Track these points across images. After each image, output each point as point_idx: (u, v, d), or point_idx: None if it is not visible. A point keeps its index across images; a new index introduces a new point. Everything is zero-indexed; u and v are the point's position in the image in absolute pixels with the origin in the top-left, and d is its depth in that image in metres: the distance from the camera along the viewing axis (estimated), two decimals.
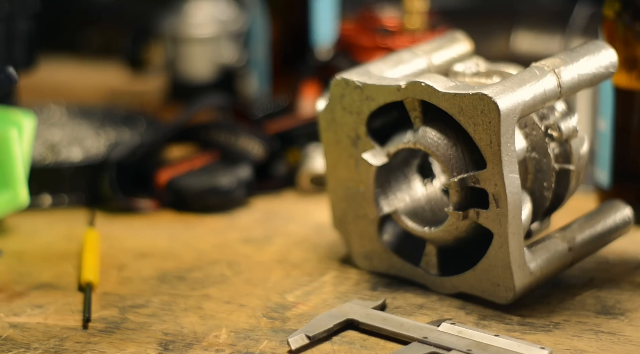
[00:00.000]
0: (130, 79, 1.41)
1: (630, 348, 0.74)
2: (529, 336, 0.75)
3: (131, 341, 0.75)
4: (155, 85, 1.38)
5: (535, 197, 0.82)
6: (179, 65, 1.31)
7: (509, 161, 0.76)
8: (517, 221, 0.77)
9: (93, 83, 1.45)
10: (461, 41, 0.89)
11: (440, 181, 0.86)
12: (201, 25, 1.31)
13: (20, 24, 1.20)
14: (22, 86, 1.29)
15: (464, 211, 0.78)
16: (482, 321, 0.78)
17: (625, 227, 0.85)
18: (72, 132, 1.13)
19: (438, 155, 0.78)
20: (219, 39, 1.31)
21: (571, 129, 0.82)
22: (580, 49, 0.81)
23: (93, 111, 1.21)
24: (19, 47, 1.20)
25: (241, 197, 1.01)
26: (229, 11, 1.33)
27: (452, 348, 0.72)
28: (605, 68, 0.81)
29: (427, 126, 0.79)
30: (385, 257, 0.85)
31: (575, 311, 0.79)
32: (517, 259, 0.77)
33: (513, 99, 0.75)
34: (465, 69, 0.84)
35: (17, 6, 1.20)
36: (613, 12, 0.93)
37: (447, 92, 0.77)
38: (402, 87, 0.79)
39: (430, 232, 0.81)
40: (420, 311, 0.79)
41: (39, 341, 0.75)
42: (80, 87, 1.43)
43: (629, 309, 0.80)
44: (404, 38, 1.15)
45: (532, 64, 0.79)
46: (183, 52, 1.30)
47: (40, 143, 1.09)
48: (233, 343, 0.75)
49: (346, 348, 0.74)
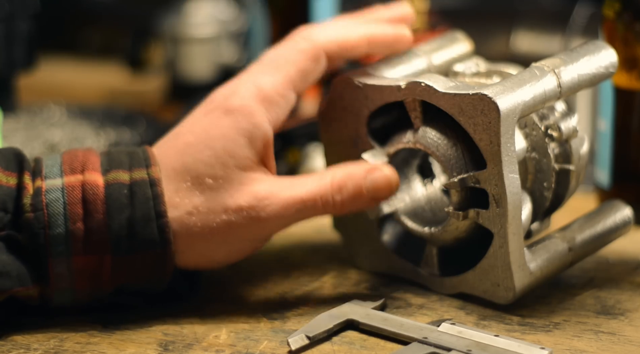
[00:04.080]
0: (130, 79, 1.41)
1: (630, 348, 0.74)
2: (529, 336, 0.75)
3: (131, 341, 0.75)
4: (155, 85, 1.38)
5: (535, 198, 0.82)
6: (179, 65, 1.31)
7: (509, 161, 0.76)
8: (517, 221, 0.77)
9: (93, 83, 1.45)
10: (461, 41, 0.89)
11: (440, 181, 0.86)
12: (201, 25, 1.31)
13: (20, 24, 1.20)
14: (22, 86, 1.29)
15: (464, 211, 0.78)
16: (482, 321, 0.78)
17: (625, 227, 0.85)
18: (72, 132, 1.13)
19: (438, 155, 0.78)
20: (219, 39, 1.31)
21: (571, 129, 0.82)
22: (580, 49, 0.81)
23: (93, 111, 1.21)
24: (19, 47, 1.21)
25: None
26: (229, 11, 1.33)
27: (452, 348, 0.72)
28: (606, 68, 0.81)
29: (427, 126, 0.79)
30: (385, 258, 0.85)
31: (575, 311, 0.79)
32: (517, 260, 0.77)
33: (513, 99, 0.75)
34: (465, 69, 0.84)
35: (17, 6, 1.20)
36: (613, 12, 0.93)
37: (447, 92, 0.77)
38: (402, 87, 0.79)
39: (430, 232, 0.81)
40: (420, 311, 0.79)
41: (39, 342, 0.75)
42: (80, 87, 1.43)
43: (629, 309, 0.80)
44: None
45: (532, 64, 0.79)
46: (183, 52, 1.30)
47: (40, 143, 1.09)
48: (233, 343, 0.75)
49: (346, 348, 0.74)
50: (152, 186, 0.76)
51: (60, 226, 0.74)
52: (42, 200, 0.74)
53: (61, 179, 0.75)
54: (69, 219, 0.74)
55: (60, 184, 0.75)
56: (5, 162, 0.76)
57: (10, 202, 0.75)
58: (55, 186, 0.75)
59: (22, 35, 1.21)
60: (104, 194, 0.75)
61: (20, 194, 0.75)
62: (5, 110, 1.19)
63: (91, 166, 0.76)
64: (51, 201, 0.74)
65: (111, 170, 0.76)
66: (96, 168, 0.76)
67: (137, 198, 0.75)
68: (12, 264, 0.74)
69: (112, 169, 0.76)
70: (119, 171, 0.76)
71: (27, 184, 0.75)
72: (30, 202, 0.74)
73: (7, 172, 0.75)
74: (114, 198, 0.75)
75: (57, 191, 0.75)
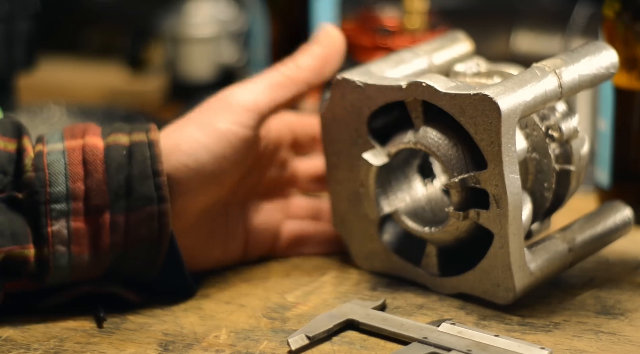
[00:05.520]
0: (130, 79, 1.41)
1: (630, 348, 0.74)
2: (529, 336, 0.75)
3: (131, 341, 0.75)
4: (155, 85, 1.38)
5: (536, 198, 0.82)
6: (179, 65, 1.31)
7: (510, 161, 0.76)
8: (518, 221, 0.77)
9: (93, 83, 1.45)
10: (462, 41, 0.89)
11: (441, 181, 0.86)
12: (201, 25, 1.31)
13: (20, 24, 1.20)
14: (22, 86, 1.29)
15: (464, 211, 0.78)
16: (482, 321, 0.78)
17: (625, 228, 0.85)
18: None
19: (439, 155, 0.78)
20: (219, 39, 1.31)
21: (572, 130, 0.82)
22: (581, 49, 0.81)
23: (93, 111, 1.21)
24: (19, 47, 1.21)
25: None
26: (229, 11, 1.33)
27: (452, 348, 0.72)
28: (606, 69, 0.81)
29: (427, 126, 0.79)
30: (385, 258, 0.85)
31: (575, 311, 0.79)
32: (517, 260, 0.77)
33: (514, 99, 0.75)
34: (466, 69, 0.84)
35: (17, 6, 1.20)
36: (613, 12, 0.93)
37: (448, 92, 0.77)
38: (403, 87, 0.79)
39: (430, 232, 0.81)
40: (420, 311, 0.79)
41: (39, 342, 0.75)
42: (80, 87, 1.43)
43: (629, 309, 0.80)
44: (404, 38, 1.15)
45: (533, 65, 0.79)
46: (183, 52, 1.30)
47: None
48: (233, 343, 0.75)
49: (346, 348, 0.74)
50: (150, 146, 0.78)
51: (61, 185, 0.76)
52: (44, 160, 0.76)
53: (62, 144, 0.78)
54: (69, 179, 0.76)
55: (61, 147, 0.78)
56: (3, 129, 0.78)
57: (10, 165, 0.76)
58: (57, 149, 0.78)
59: (22, 35, 1.21)
60: (103, 154, 0.77)
61: (20, 156, 0.77)
62: (5, 110, 1.19)
63: (92, 132, 0.79)
64: (52, 161, 0.77)
65: (111, 134, 0.79)
66: (97, 133, 0.79)
67: (135, 158, 0.77)
68: (8, 223, 0.75)
69: (112, 133, 0.79)
70: (118, 134, 0.79)
71: (27, 147, 0.77)
72: (32, 162, 0.76)
73: (5, 138, 0.77)
74: (112, 158, 0.77)
75: (58, 153, 0.77)
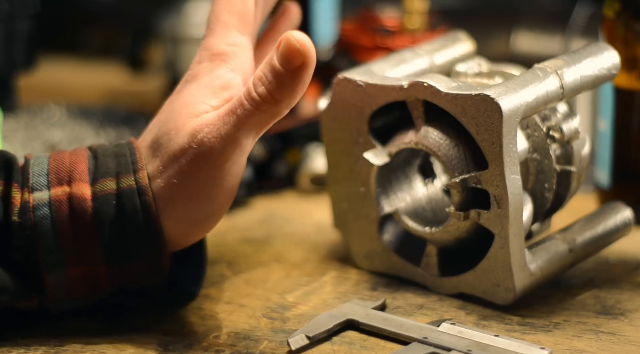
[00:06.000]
0: (130, 79, 1.41)
1: (630, 348, 0.74)
2: (529, 336, 0.75)
3: (131, 341, 0.75)
4: (155, 85, 1.38)
5: (536, 198, 0.82)
6: (179, 65, 1.31)
7: (511, 162, 0.76)
8: (518, 222, 0.77)
9: (93, 83, 1.45)
10: (463, 41, 0.89)
11: (442, 181, 0.86)
12: (201, 25, 1.30)
13: (20, 24, 1.21)
14: (22, 86, 1.29)
15: (465, 211, 0.78)
16: (482, 321, 0.78)
17: (626, 228, 0.85)
18: (72, 132, 1.13)
19: (440, 155, 0.78)
20: None
21: (573, 131, 0.82)
22: (582, 50, 0.81)
23: (93, 111, 1.21)
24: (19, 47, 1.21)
25: (241, 197, 1.01)
26: None
27: (452, 348, 0.72)
28: (608, 70, 0.81)
29: (429, 126, 0.79)
30: (385, 257, 0.85)
31: (575, 311, 0.79)
32: (517, 260, 0.77)
33: (515, 100, 0.75)
34: (467, 69, 0.84)
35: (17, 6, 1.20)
36: (613, 12, 0.93)
37: (449, 92, 0.77)
38: (404, 87, 0.79)
39: (430, 232, 0.81)
40: (420, 311, 0.79)
41: (39, 342, 0.75)
42: (80, 87, 1.43)
43: (629, 309, 0.80)
44: (404, 38, 1.15)
45: (535, 65, 0.79)
46: (183, 52, 1.30)
47: (40, 143, 1.09)
48: (233, 344, 0.75)
49: (346, 348, 0.74)
50: (140, 194, 0.74)
51: (51, 244, 0.73)
52: (30, 218, 0.73)
53: (48, 192, 0.74)
54: (59, 236, 0.74)
55: (47, 197, 0.74)
56: None
57: None
58: (43, 200, 0.74)
59: (22, 35, 1.21)
60: (92, 207, 0.74)
61: (7, 209, 0.74)
62: (5, 110, 1.19)
63: (78, 176, 0.75)
64: (39, 218, 0.73)
65: (98, 180, 0.75)
66: (83, 178, 0.75)
67: (126, 210, 0.74)
68: (9, 279, 0.73)
69: (99, 179, 0.75)
70: (105, 180, 0.75)
71: (15, 198, 0.74)
72: (19, 220, 0.73)
73: None
74: (103, 212, 0.74)
75: (45, 206, 0.74)
